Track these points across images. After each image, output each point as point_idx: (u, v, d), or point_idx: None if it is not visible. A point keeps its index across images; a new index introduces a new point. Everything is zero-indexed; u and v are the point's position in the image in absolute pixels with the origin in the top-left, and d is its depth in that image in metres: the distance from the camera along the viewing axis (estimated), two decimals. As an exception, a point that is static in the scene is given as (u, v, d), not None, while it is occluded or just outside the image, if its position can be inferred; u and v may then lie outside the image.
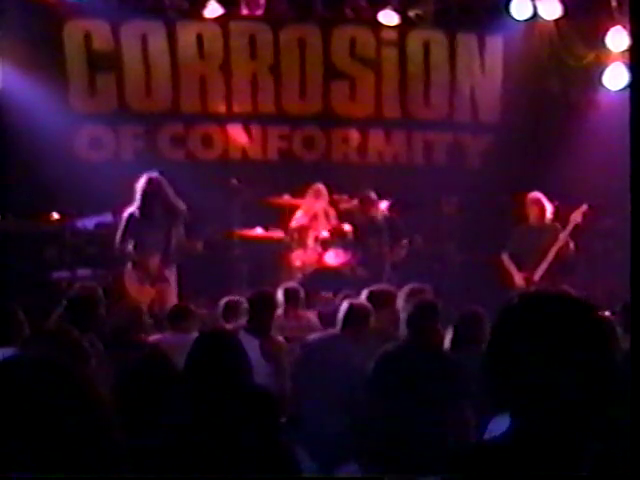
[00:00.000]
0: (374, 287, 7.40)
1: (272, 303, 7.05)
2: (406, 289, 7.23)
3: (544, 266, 9.25)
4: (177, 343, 6.50)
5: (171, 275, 9.03)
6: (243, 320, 6.98)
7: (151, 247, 8.92)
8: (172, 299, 8.73)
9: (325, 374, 6.33)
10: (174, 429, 3.94)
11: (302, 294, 7.86)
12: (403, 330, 6.24)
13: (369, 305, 6.73)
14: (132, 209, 8.94)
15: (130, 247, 8.92)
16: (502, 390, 2.05)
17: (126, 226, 8.93)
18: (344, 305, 6.68)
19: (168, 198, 8.97)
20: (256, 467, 3.86)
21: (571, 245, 9.38)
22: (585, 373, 1.99)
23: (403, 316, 6.29)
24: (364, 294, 7.16)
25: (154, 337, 6.99)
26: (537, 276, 9.26)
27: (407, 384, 6.02)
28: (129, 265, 8.94)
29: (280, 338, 6.97)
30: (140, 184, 8.90)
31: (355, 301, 6.78)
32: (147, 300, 8.44)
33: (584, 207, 9.31)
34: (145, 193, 8.89)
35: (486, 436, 4.13)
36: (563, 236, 9.30)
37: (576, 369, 1.98)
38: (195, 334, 6.83)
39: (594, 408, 1.99)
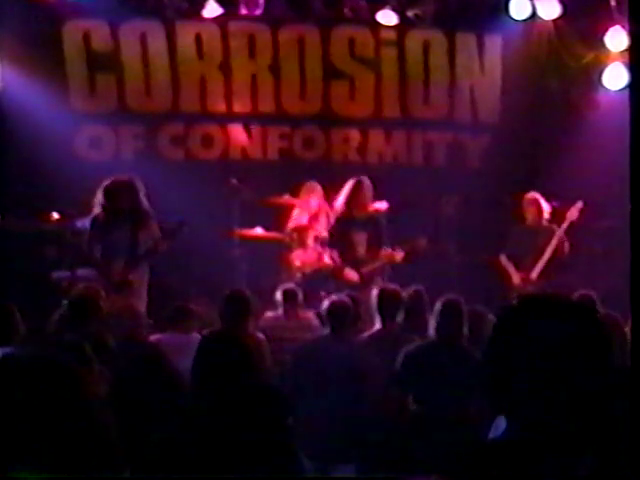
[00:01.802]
0: (384, 286, 7.41)
1: (245, 302, 6.98)
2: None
3: (541, 265, 9.27)
4: (177, 343, 6.52)
5: (141, 281, 8.53)
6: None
7: (115, 251, 8.45)
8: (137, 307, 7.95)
9: (318, 376, 6.35)
10: (182, 428, 3.95)
11: (300, 295, 7.87)
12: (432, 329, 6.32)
13: (349, 300, 6.77)
14: (97, 210, 8.57)
15: (98, 251, 8.52)
16: (500, 392, 2.06)
17: (91, 229, 8.56)
18: (324, 303, 6.72)
19: (137, 198, 8.52)
20: (263, 466, 3.87)
21: (567, 244, 9.40)
22: (583, 376, 1.99)
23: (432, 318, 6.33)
24: (374, 294, 7.18)
25: (153, 337, 7.00)
26: (534, 275, 9.28)
27: (433, 381, 6.08)
28: (94, 271, 8.57)
29: (261, 335, 6.96)
30: (106, 183, 8.52)
31: (335, 298, 6.81)
32: (111, 308, 7.57)
33: (579, 204, 9.33)
34: (110, 192, 8.47)
35: (491, 435, 4.14)
36: (559, 233, 9.32)
37: (574, 372, 1.99)
38: (195, 334, 6.88)
39: (592, 410, 2.00)
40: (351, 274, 9.28)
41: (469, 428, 5.77)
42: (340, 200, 9.57)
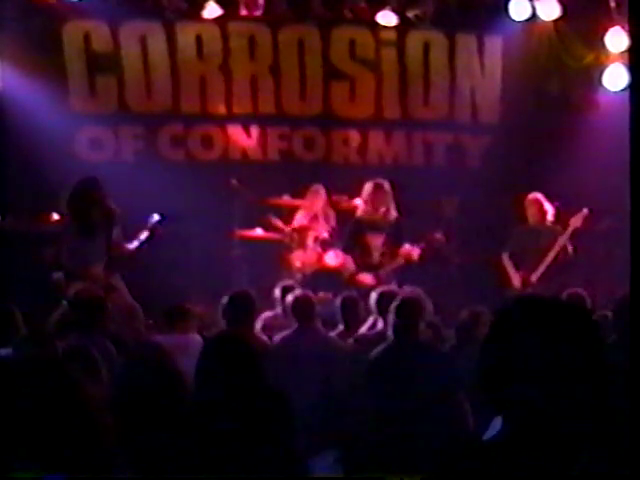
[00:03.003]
0: (383, 289, 7.40)
1: (250, 303, 7.00)
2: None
3: (542, 268, 9.25)
4: (175, 344, 6.50)
5: (121, 283, 8.32)
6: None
7: (91, 255, 8.20)
8: (137, 310, 7.69)
9: (290, 370, 6.39)
10: (184, 428, 3.94)
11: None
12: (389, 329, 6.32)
13: (312, 295, 6.82)
14: (64, 216, 8.40)
15: (65, 257, 8.27)
16: (496, 391, 2.06)
17: (60, 235, 8.38)
18: (289, 298, 6.77)
19: (104, 200, 8.27)
20: (269, 468, 3.87)
21: (570, 249, 9.37)
22: (579, 376, 1.99)
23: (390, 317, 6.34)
24: (374, 296, 7.17)
25: (152, 338, 6.99)
26: (534, 278, 9.27)
27: (399, 384, 6.07)
28: (61, 277, 8.33)
29: (264, 337, 6.97)
30: (71, 189, 8.34)
31: (298, 293, 6.90)
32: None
33: (584, 212, 9.29)
34: (78, 197, 8.28)
35: (488, 434, 4.13)
36: (562, 240, 9.28)
37: (570, 372, 1.99)
38: (194, 334, 6.87)
39: (587, 410, 2.00)
40: (366, 277, 9.30)
41: (442, 423, 5.79)
42: (360, 203, 9.62)
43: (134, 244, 8.42)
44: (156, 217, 8.45)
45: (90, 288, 7.21)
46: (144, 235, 8.43)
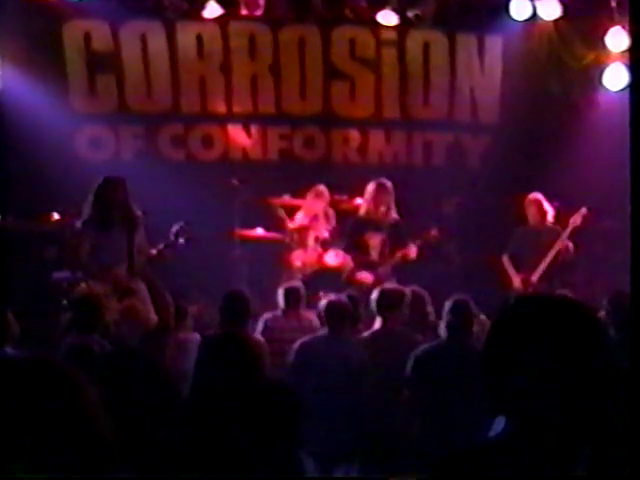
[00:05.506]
0: (385, 287, 7.41)
1: (244, 302, 7.01)
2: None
3: (542, 268, 9.26)
4: (176, 343, 6.51)
5: (142, 287, 8.15)
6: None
7: (113, 257, 8.06)
8: (146, 314, 7.66)
9: (318, 375, 6.40)
10: (185, 428, 3.94)
11: (303, 294, 7.85)
12: (442, 330, 6.33)
13: (346, 300, 6.82)
14: (87, 215, 8.25)
15: (94, 259, 8.11)
16: (497, 391, 2.05)
17: (82, 234, 8.23)
18: (322, 303, 6.78)
19: (127, 202, 8.18)
20: (268, 467, 3.86)
21: (571, 247, 9.38)
22: (580, 376, 1.99)
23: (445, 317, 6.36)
24: (375, 294, 7.18)
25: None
26: (535, 277, 9.27)
27: (445, 382, 6.10)
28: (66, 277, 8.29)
29: (259, 337, 6.98)
30: (97, 186, 8.25)
31: (333, 298, 6.90)
32: (113, 317, 7.17)
33: (583, 210, 9.31)
34: (102, 197, 8.18)
35: (491, 434, 4.12)
36: (562, 239, 9.29)
37: (571, 372, 1.98)
38: (194, 334, 6.88)
39: (589, 410, 2.00)
40: (365, 276, 9.30)
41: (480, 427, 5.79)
42: (361, 202, 9.65)
43: (155, 250, 8.34)
44: (177, 227, 8.33)
45: (89, 288, 7.20)
46: (164, 243, 8.34)
